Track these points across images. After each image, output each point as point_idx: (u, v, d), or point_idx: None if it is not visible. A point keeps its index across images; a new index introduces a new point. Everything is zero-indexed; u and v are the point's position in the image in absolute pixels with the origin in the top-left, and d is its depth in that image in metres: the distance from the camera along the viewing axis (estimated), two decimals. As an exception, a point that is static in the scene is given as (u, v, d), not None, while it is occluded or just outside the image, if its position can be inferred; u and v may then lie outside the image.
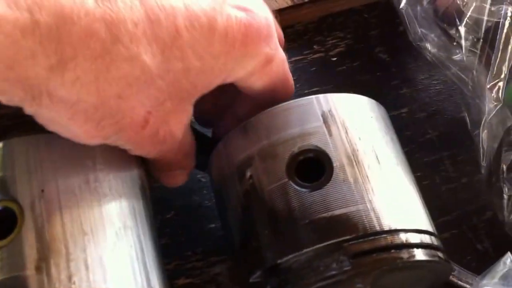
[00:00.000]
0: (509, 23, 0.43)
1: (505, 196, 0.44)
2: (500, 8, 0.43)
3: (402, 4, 0.47)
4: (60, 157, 0.32)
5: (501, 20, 0.43)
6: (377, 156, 0.34)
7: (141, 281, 0.31)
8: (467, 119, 0.47)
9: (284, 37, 0.56)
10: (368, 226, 0.31)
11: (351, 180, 0.32)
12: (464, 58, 0.45)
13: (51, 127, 0.31)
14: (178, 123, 0.34)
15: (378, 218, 0.31)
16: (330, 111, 0.35)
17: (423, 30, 0.47)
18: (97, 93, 0.29)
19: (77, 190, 0.31)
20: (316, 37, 0.56)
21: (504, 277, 0.39)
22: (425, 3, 0.46)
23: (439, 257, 0.33)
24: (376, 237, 0.31)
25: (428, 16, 0.46)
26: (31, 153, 0.31)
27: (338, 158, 0.32)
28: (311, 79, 0.52)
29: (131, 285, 0.30)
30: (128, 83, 0.30)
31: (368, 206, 0.31)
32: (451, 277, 0.47)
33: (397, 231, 0.31)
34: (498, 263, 0.39)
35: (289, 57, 0.54)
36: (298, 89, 0.51)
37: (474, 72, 0.45)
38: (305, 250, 0.30)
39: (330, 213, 0.31)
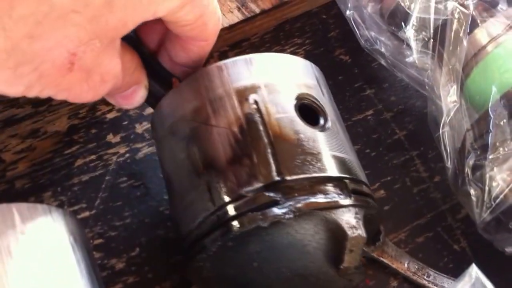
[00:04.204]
0: (457, 18, 0.42)
1: (473, 198, 0.42)
2: (446, 5, 0.42)
3: (348, 11, 0.45)
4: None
5: (449, 17, 0.42)
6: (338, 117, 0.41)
7: None
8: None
9: (240, 51, 0.55)
10: (355, 173, 0.38)
11: (341, 134, 0.39)
12: (416, 60, 0.43)
13: None
14: (113, 59, 0.32)
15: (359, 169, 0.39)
16: (317, 75, 0.41)
17: (373, 34, 0.45)
18: (4, 35, 0.27)
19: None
20: (274, 47, 0.55)
21: (472, 289, 0.38)
22: (369, 8, 0.44)
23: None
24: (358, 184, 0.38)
25: (375, 21, 0.45)
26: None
27: (330, 114, 0.39)
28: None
29: None
30: (37, 21, 0.27)
31: (352, 158, 0.39)
32: (426, 282, 0.45)
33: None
34: (464, 275, 0.37)
35: (246, 72, 0.53)
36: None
37: (429, 72, 0.43)
38: (314, 175, 0.35)
39: (333, 153, 0.37)
